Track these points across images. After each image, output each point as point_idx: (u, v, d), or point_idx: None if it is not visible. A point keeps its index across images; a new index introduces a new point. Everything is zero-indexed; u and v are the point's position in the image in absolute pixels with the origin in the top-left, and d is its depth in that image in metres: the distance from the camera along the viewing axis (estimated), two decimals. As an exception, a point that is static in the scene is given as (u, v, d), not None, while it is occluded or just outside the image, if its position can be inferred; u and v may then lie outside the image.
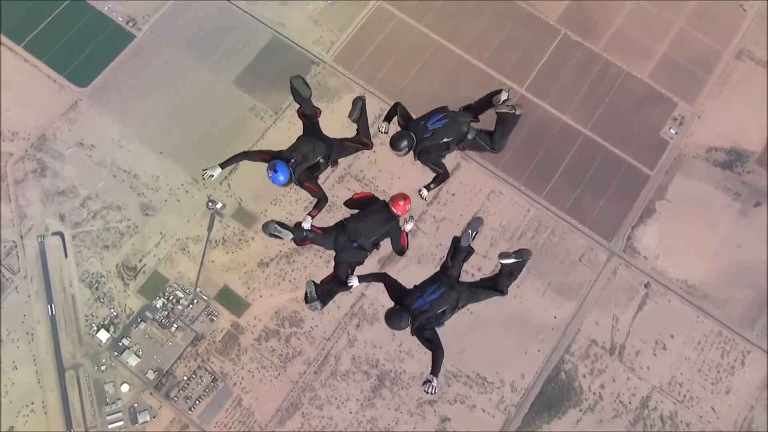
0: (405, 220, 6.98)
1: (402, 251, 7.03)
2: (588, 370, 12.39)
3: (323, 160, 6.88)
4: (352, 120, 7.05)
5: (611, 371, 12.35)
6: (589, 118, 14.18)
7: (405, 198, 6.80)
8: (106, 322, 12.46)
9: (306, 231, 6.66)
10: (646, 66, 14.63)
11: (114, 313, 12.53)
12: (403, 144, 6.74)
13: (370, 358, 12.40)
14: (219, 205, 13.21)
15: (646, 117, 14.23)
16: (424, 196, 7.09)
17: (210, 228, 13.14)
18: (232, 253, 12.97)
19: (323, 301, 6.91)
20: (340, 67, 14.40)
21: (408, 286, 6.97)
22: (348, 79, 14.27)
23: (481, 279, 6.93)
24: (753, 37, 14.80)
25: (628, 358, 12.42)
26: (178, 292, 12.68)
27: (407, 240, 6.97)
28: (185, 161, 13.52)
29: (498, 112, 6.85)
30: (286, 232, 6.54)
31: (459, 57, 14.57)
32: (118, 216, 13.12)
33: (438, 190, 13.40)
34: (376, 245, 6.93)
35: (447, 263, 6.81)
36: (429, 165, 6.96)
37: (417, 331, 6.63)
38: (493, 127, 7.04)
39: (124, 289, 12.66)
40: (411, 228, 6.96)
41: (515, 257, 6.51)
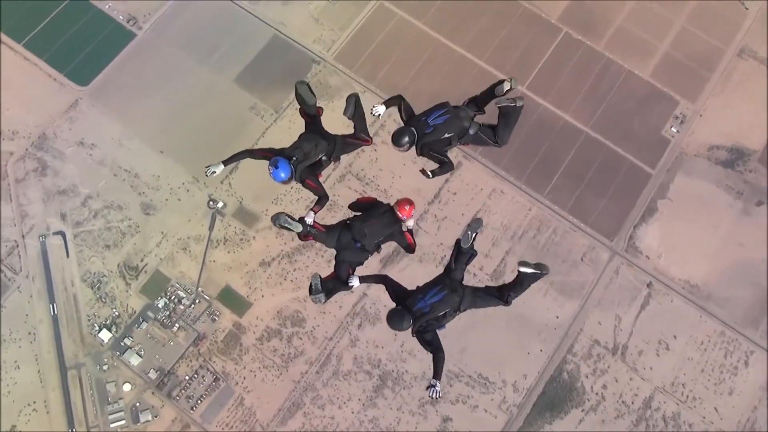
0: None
1: (411, 248, 7.12)
2: (590, 370, 12.37)
3: (325, 157, 6.88)
4: (347, 117, 7.07)
5: (614, 371, 12.33)
6: (591, 116, 14.15)
7: (410, 203, 6.86)
8: (108, 321, 12.46)
9: (308, 226, 6.65)
10: (647, 64, 14.58)
11: (116, 313, 12.52)
12: (405, 140, 6.80)
13: (372, 357, 12.39)
14: (220, 205, 13.19)
15: (647, 115, 14.19)
16: (429, 173, 7.14)
17: (211, 227, 13.12)
18: (233, 253, 12.95)
19: (328, 296, 6.92)
20: (340, 66, 14.37)
21: (409, 285, 6.99)
22: (349, 78, 14.24)
23: (486, 286, 6.92)
24: (755, 36, 14.76)
25: (630, 358, 12.40)
26: (179, 291, 12.67)
27: (413, 237, 7.01)
28: (186, 160, 13.50)
29: (499, 106, 6.86)
30: (296, 224, 6.56)
31: (460, 55, 14.53)
32: (119, 215, 13.11)
33: (439, 189, 13.46)
34: (377, 247, 6.94)
35: (451, 266, 6.80)
36: (433, 154, 6.98)
37: (418, 333, 6.63)
38: (496, 121, 7.03)
39: (125, 289, 12.66)
40: (412, 225, 6.95)
41: (534, 268, 6.58)
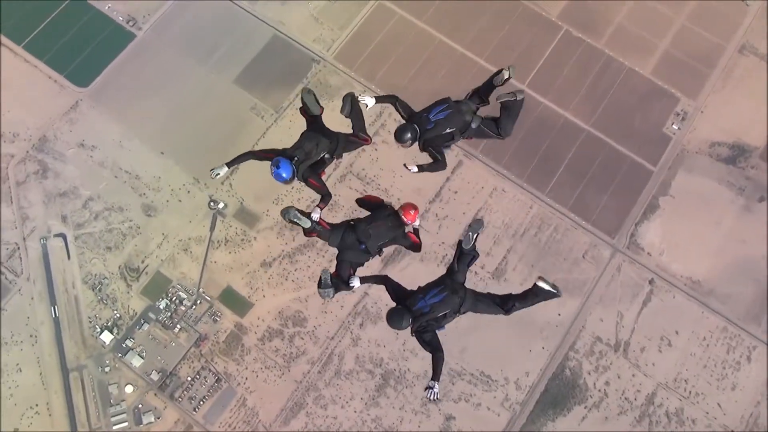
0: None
1: (417, 247, 7.15)
2: (593, 367, 12.35)
3: (328, 155, 6.89)
4: (344, 115, 7.08)
5: (616, 368, 12.32)
6: (592, 114, 14.13)
7: (414, 208, 6.94)
8: (109, 323, 12.45)
9: (315, 223, 6.68)
10: (648, 62, 14.56)
11: (117, 315, 12.51)
12: (407, 136, 6.86)
13: (374, 357, 12.38)
14: (221, 205, 13.18)
15: (648, 113, 14.16)
16: (410, 168, 7.14)
17: (212, 228, 13.11)
18: (234, 254, 12.94)
19: (335, 291, 6.95)
20: (340, 65, 14.35)
21: (410, 285, 7.03)
22: (349, 77, 14.22)
23: (489, 293, 6.93)
24: (756, 32, 14.73)
25: (633, 354, 12.38)
26: (181, 292, 12.65)
27: (418, 237, 7.11)
28: (187, 161, 13.49)
29: (500, 101, 6.91)
30: (305, 219, 6.59)
31: (460, 54, 14.51)
32: (120, 217, 13.09)
33: (440, 188, 13.44)
34: (380, 250, 6.98)
35: (453, 267, 6.80)
36: (431, 151, 7.01)
37: (417, 333, 6.66)
38: (498, 114, 7.07)
39: (127, 291, 12.65)
40: (417, 224, 6.97)
41: (552, 287, 6.69)
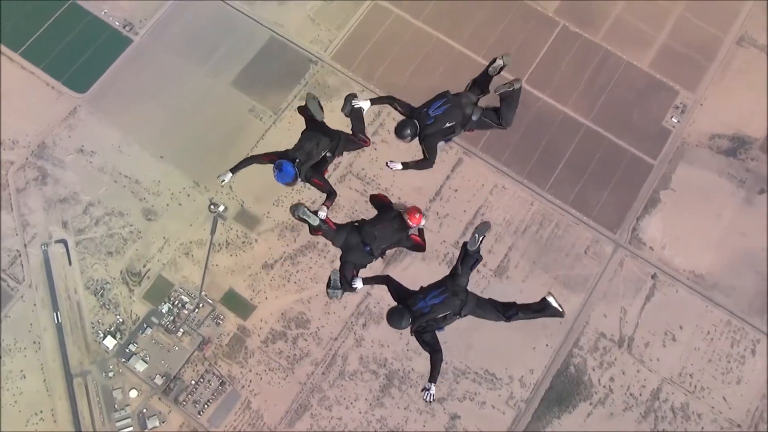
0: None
1: (422, 248, 7.20)
2: (597, 363, 12.32)
3: (329, 153, 6.92)
4: (344, 114, 7.10)
5: (621, 364, 12.28)
6: (590, 109, 14.08)
7: (420, 212, 6.95)
8: (112, 328, 12.45)
9: (321, 221, 6.70)
10: (646, 55, 14.51)
11: (120, 320, 12.51)
12: (407, 132, 6.88)
13: (377, 357, 12.36)
14: (221, 208, 13.16)
15: (647, 106, 14.12)
16: (392, 166, 7.23)
17: (213, 231, 13.10)
18: (236, 256, 12.93)
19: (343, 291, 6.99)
20: (338, 66, 14.32)
21: (412, 284, 7.05)
22: (347, 77, 14.19)
23: (491, 299, 6.92)
24: (754, 23, 14.66)
25: (637, 350, 12.35)
26: (183, 296, 12.65)
27: (422, 238, 7.14)
28: (186, 165, 13.47)
29: (498, 93, 6.93)
30: (313, 216, 6.64)
31: (458, 52, 14.47)
32: (120, 222, 13.09)
33: (440, 186, 13.41)
34: (383, 253, 6.99)
35: (457, 270, 6.79)
36: (423, 146, 7.04)
37: (416, 333, 6.68)
38: (499, 104, 7.09)
39: (129, 295, 12.64)
40: (423, 225, 7.00)
41: (558, 304, 6.75)
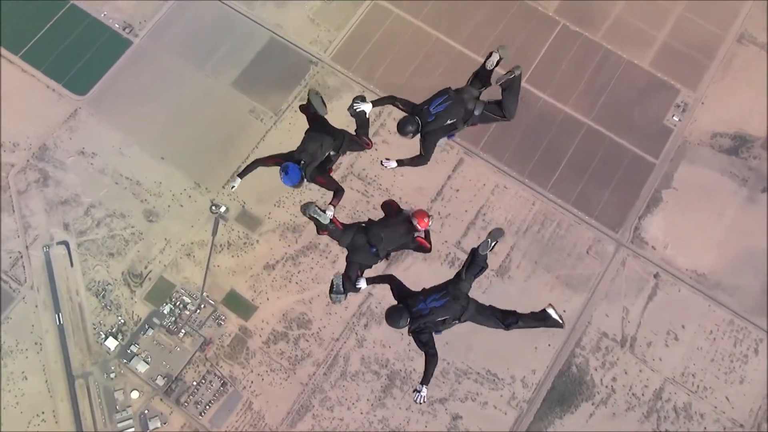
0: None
1: (427, 250, 7.25)
2: (599, 363, 12.29)
3: (333, 152, 6.95)
4: (350, 114, 7.13)
5: (623, 363, 12.24)
6: (591, 108, 14.06)
7: (427, 215, 7.01)
8: (114, 329, 12.45)
9: (329, 220, 6.74)
10: (646, 54, 14.48)
11: (121, 321, 12.51)
12: (409, 129, 6.92)
13: (379, 357, 12.34)
14: (222, 209, 13.16)
15: (648, 105, 14.08)
16: (387, 164, 7.23)
17: (214, 232, 13.09)
18: (237, 257, 12.92)
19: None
20: (338, 66, 14.32)
21: (413, 284, 7.08)
22: (347, 78, 14.19)
23: (491, 306, 6.93)
24: (754, 21, 14.62)
25: (639, 349, 12.30)
26: (184, 297, 12.64)
27: (428, 240, 7.20)
28: (187, 166, 13.47)
29: (500, 84, 6.97)
30: (324, 215, 6.65)
31: (457, 51, 14.46)
32: (122, 223, 13.10)
33: (442, 186, 13.39)
34: (389, 254, 7.02)
35: (461, 275, 6.79)
36: (421, 141, 7.07)
37: (414, 333, 6.70)
38: (501, 96, 7.12)
39: (130, 296, 12.64)
40: (430, 227, 7.05)
41: (558, 316, 6.78)
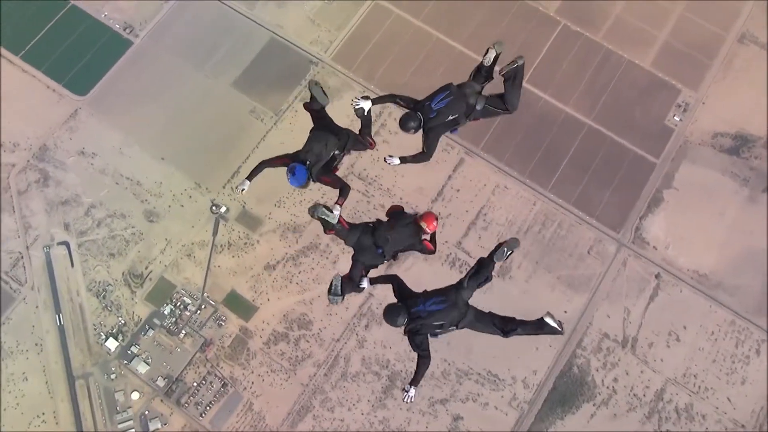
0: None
1: (432, 252, 7.29)
2: (600, 363, 12.27)
3: (338, 151, 6.97)
4: (357, 115, 7.15)
5: (624, 364, 12.22)
6: (592, 108, 14.04)
7: (436, 218, 7.02)
8: (114, 330, 12.43)
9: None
10: (647, 54, 14.46)
11: (122, 321, 12.50)
12: (411, 125, 6.93)
13: (380, 358, 12.33)
14: (223, 209, 13.15)
15: (649, 105, 14.06)
16: (390, 161, 7.29)
17: (215, 233, 13.09)
18: (238, 257, 12.91)
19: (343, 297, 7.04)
20: (339, 66, 14.31)
21: (414, 284, 7.09)
22: (347, 78, 14.18)
23: (491, 312, 6.93)
24: (755, 21, 14.59)
25: (641, 350, 12.28)
26: (185, 298, 12.63)
27: (432, 244, 7.22)
28: (188, 166, 13.47)
29: (502, 74, 6.98)
30: (332, 215, 6.71)
31: (458, 51, 14.45)
32: (122, 223, 13.09)
33: (442, 186, 13.38)
34: (395, 255, 7.03)
35: (463, 283, 6.77)
36: (423, 137, 7.09)
37: (410, 333, 6.69)
38: (503, 88, 7.13)
39: (131, 297, 12.63)
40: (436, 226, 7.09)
41: (557, 324, 6.77)
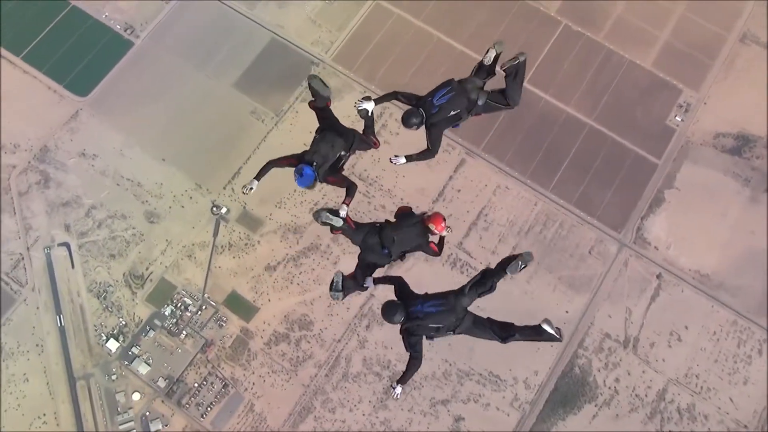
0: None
1: (436, 254, 7.29)
2: (602, 364, 12.24)
3: (344, 152, 6.99)
4: (361, 116, 7.17)
5: (626, 365, 12.19)
6: (594, 108, 14.02)
7: (444, 219, 7.00)
8: (115, 331, 12.42)
9: (342, 220, 6.76)
10: (648, 54, 14.44)
11: (123, 322, 12.49)
12: (413, 121, 6.94)
13: (381, 359, 12.31)
14: (224, 210, 13.15)
15: (651, 105, 14.04)
16: (395, 161, 7.30)
17: (215, 233, 13.08)
18: (238, 258, 12.90)
19: (344, 294, 7.06)
20: (339, 67, 14.30)
21: (415, 285, 7.12)
22: (348, 79, 14.17)
23: (489, 318, 6.92)
24: (757, 21, 14.57)
25: (642, 350, 12.25)
26: (186, 298, 12.62)
27: (439, 247, 7.23)
28: (188, 167, 13.46)
29: (503, 69, 7.00)
30: (336, 219, 6.71)
31: (459, 52, 14.43)
32: (123, 224, 13.08)
33: (443, 186, 13.37)
34: (402, 256, 7.02)
35: (464, 290, 6.74)
36: (427, 133, 7.09)
37: (405, 332, 6.69)
38: (504, 83, 7.14)
39: (132, 298, 12.63)
40: (444, 233, 7.06)
41: (555, 332, 6.72)
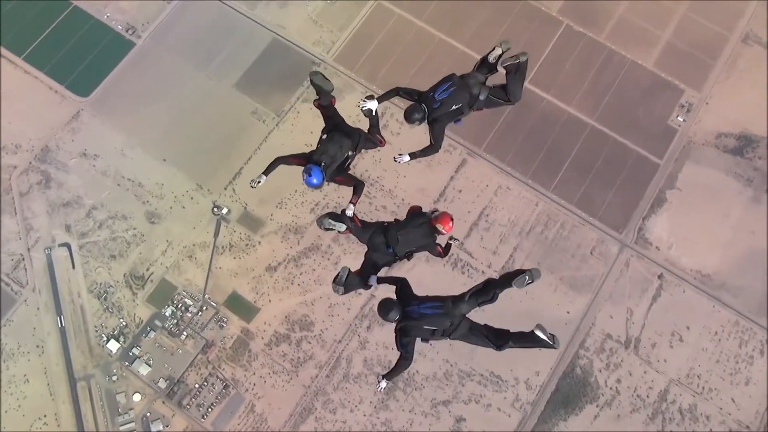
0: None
1: (441, 256, 7.33)
2: (604, 364, 12.21)
3: (351, 152, 7.01)
4: (365, 115, 7.18)
5: (627, 365, 12.16)
6: (595, 108, 13.99)
7: (452, 219, 6.98)
8: (115, 332, 12.41)
9: (349, 219, 6.83)
10: (650, 54, 14.41)
11: (123, 323, 12.48)
12: (415, 116, 6.99)
13: (382, 359, 12.28)
14: (224, 211, 13.13)
15: (652, 105, 14.01)
16: (400, 159, 7.31)
17: (216, 234, 13.06)
18: (239, 259, 12.89)
19: (347, 290, 7.09)
20: (341, 67, 14.29)
21: (415, 285, 7.07)
22: (350, 79, 14.16)
23: (486, 325, 6.90)
24: (759, 21, 14.53)
25: (644, 351, 12.22)
26: (186, 299, 12.61)
27: (444, 251, 7.27)
28: (189, 168, 13.46)
29: (504, 66, 7.02)
30: (339, 224, 6.76)
31: (460, 52, 14.42)
32: (124, 225, 13.07)
33: (444, 186, 13.34)
34: (409, 256, 7.02)
35: (464, 297, 6.71)
36: (430, 129, 7.11)
37: (399, 330, 6.70)
38: (505, 80, 7.17)
39: (132, 299, 12.62)
40: (458, 243, 7.08)
41: (548, 338, 6.68)
